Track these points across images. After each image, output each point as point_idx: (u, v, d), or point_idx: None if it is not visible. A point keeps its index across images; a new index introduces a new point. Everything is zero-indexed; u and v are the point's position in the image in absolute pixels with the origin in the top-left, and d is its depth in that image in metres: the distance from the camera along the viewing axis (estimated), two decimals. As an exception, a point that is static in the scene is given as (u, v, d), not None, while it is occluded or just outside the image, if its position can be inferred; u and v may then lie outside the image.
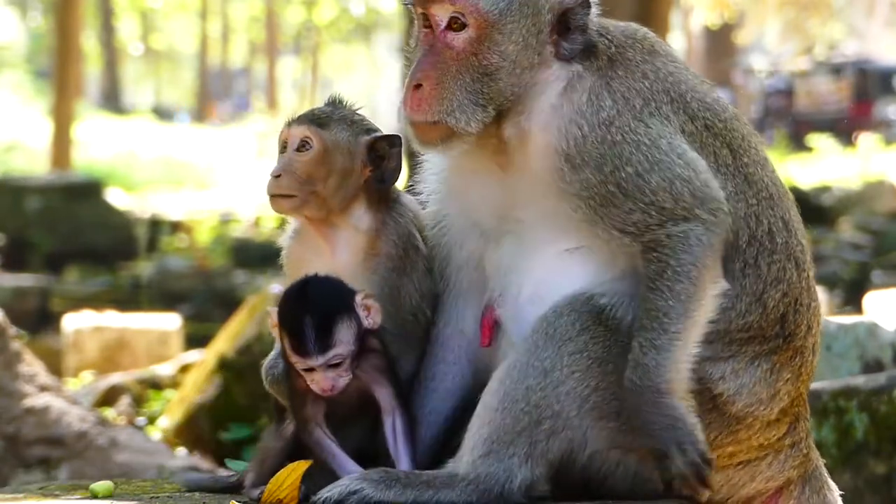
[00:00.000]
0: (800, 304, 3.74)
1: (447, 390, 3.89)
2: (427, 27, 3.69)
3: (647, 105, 3.65)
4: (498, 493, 3.63)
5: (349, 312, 3.73)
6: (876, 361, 6.46)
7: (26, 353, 7.69)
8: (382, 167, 3.89)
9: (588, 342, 3.62)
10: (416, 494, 3.61)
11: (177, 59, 73.07)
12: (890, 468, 5.51)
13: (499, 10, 3.64)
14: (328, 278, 3.78)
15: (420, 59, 3.67)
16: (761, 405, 3.70)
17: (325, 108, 3.94)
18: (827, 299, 15.67)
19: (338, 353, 3.69)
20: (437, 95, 3.63)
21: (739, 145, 3.75)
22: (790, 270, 3.73)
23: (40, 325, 15.77)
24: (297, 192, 3.84)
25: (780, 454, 3.81)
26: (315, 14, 57.58)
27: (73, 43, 26.48)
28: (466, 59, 3.64)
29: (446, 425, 3.89)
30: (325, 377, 3.70)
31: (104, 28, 56.03)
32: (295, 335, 3.70)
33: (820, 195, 25.60)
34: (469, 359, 3.90)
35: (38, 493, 4.11)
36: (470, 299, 3.89)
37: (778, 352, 3.72)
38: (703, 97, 3.75)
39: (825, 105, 43.64)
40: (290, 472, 3.72)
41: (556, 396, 3.62)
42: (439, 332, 3.91)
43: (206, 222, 23.69)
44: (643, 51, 3.75)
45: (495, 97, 3.65)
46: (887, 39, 57.83)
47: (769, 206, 3.73)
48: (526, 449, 3.63)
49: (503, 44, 3.65)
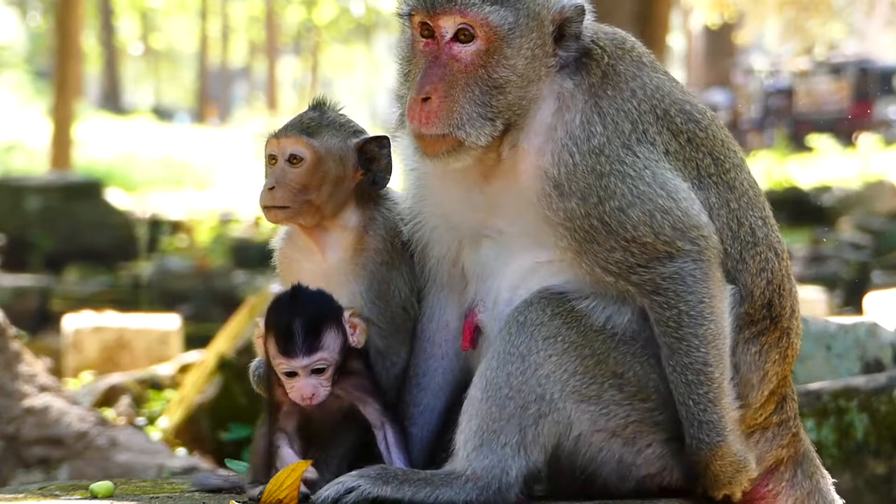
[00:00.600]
0: (783, 289, 3.87)
1: (438, 386, 3.94)
2: (428, 37, 3.67)
3: (635, 129, 3.71)
4: (496, 488, 3.66)
5: (337, 322, 3.76)
6: (876, 361, 6.46)
7: (26, 353, 7.69)
8: (373, 169, 3.91)
9: (560, 327, 3.68)
10: (413, 491, 3.65)
11: (177, 59, 73.07)
12: (890, 468, 5.52)
13: (508, 23, 3.64)
14: (319, 290, 3.81)
15: (425, 70, 3.65)
16: (753, 390, 3.80)
17: (312, 115, 3.93)
18: (827, 299, 15.66)
19: (323, 357, 3.72)
20: (447, 108, 3.64)
21: (720, 152, 3.85)
22: (772, 260, 3.86)
23: (40, 325, 15.77)
24: (290, 203, 3.85)
25: (766, 431, 3.87)
26: (315, 14, 57.58)
27: (73, 43, 26.48)
28: (475, 72, 3.65)
29: (440, 421, 3.92)
30: (307, 383, 3.72)
31: (104, 28, 56.02)
32: (283, 336, 3.73)
33: (820, 195, 25.60)
34: (456, 353, 3.94)
35: (38, 493, 4.11)
36: (451, 293, 3.93)
37: (766, 333, 3.82)
38: (685, 106, 3.83)
39: (825, 105, 43.63)
40: (290, 472, 3.72)
41: (537, 380, 3.68)
42: (424, 326, 3.95)
43: (206, 222, 23.68)
44: (633, 63, 3.81)
45: (504, 111, 3.67)
46: (887, 39, 57.83)
47: (749, 206, 3.85)
48: (517, 436, 3.67)
49: (513, 57, 3.66)
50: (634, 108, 3.74)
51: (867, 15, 56.35)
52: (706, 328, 3.66)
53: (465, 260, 3.88)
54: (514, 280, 3.79)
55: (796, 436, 3.95)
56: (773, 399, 3.86)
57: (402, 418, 3.90)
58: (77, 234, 20.13)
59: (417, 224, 3.91)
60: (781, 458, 3.92)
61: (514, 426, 3.68)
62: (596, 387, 3.69)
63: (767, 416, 3.86)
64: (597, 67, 3.74)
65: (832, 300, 16.39)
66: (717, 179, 3.82)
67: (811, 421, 5.52)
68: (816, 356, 6.53)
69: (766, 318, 3.82)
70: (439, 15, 3.63)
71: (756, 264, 3.81)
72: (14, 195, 20.49)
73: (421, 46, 3.68)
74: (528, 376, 3.68)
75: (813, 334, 6.55)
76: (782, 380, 3.88)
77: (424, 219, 3.90)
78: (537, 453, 3.70)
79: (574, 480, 3.76)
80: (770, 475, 3.92)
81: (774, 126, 43.51)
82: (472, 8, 3.61)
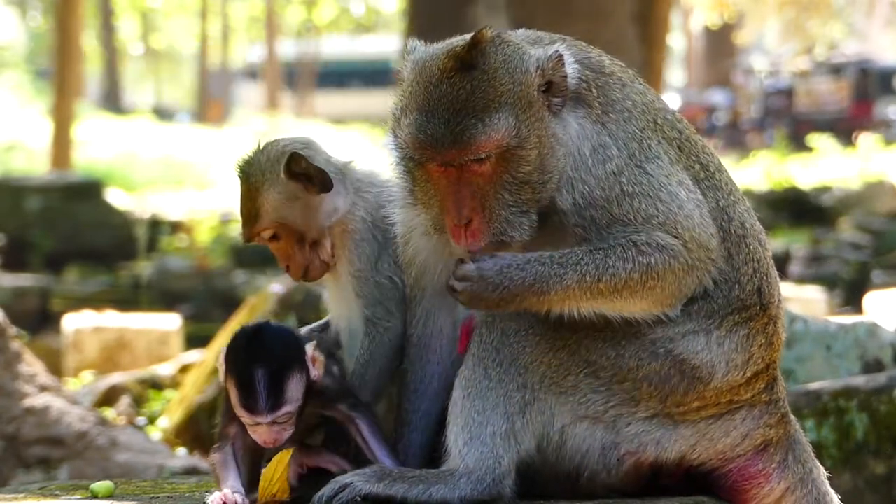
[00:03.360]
0: (769, 276, 3.95)
1: (436, 392, 3.97)
2: (444, 165, 3.70)
3: (641, 147, 3.80)
4: (490, 481, 3.70)
5: (301, 367, 3.73)
6: (876, 361, 6.47)
7: (26, 353, 7.68)
8: (313, 179, 3.95)
9: (531, 320, 3.74)
10: (406, 488, 3.68)
11: (177, 59, 73.08)
12: (890, 468, 5.52)
13: (514, 133, 3.67)
14: (280, 329, 3.80)
15: (455, 195, 3.68)
16: (736, 370, 3.85)
17: (249, 181, 3.98)
18: (827, 299, 15.67)
19: (287, 411, 3.70)
20: (487, 222, 3.69)
21: (703, 157, 3.95)
22: (759, 250, 3.95)
23: (40, 325, 15.77)
24: (308, 262, 3.97)
25: (754, 409, 3.91)
26: (315, 14, 57.59)
27: (73, 43, 26.46)
28: (499, 179, 3.69)
29: (437, 427, 3.94)
30: (270, 431, 3.71)
31: (104, 28, 56.03)
32: (244, 390, 3.69)
33: (820, 195, 25.60)
34: (451, 358, 3.97)
35: (38, 493, 4.12)
36: (444, 300, 3.95)
37: (755, 318, 3.88)
38: (668, 116, 3.93)
39: (825, 105, 43.66)
40: (276, 464, 3.76)
41: (516, 369, 3.73)
42: (420, 333, 3.99)
43: (206, 222, 23.65)
44: (618, 84, 3.88)
45: (534, 197, 3.72)
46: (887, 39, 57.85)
47: (734, 202, 3.95)
48: (505, 425, 3.71)
49: (526, 154, 3.70)
50: (636, 127, 3.82)
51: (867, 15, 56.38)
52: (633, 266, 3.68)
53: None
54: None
55: (784, 417, 3.98)
56: (762, 378, 3.91)
57: (404, 423, 3.95)
58: (77, 234, 20.12)
59: (413, 244, 3.95)
60: (770, 438, 3.94)
61: (500, 414, 3.71)
62: (572, 378, 3.75)
63: (756, 393, 3.90)
64: (595, 99, 3.82)
65: (832, 300, 16.40)
66: (709, 183, 3.91)
67: (811, 421, 5.53)
68: (816, 356, 6.54)
69: (757, 304, 3.88)
70: (459, 156, 3.66)
71: (746, 254, 3.90)
72: (14, 195, 20.47)
73: (434, 167, 3.71)
74: (505, 366, 3.73)
75: (813, 334, 6.56)
76: (771, 363, 3.94)
77: (419, 238, 3.93)
78: (528, 441, 3.74)
79: (562, 475, 3.79)
80: (760, 455, 3.94)
81: (774, 126, 43.54)
82: (480, 138, 3.64)
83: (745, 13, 48.84)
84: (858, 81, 43.01)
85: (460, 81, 3.65)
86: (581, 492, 3.81)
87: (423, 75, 3.70)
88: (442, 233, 3.74)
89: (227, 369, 3.74)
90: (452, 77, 3.66)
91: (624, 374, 3.77)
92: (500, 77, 3.67)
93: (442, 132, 3.63)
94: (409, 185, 3.81)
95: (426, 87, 3.68)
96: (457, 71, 3.66)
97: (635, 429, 3.79)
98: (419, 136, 3.66)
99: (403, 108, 3.74)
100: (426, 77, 3.69)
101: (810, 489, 4.00)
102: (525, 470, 3.78)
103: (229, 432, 3.82)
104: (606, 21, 12.88)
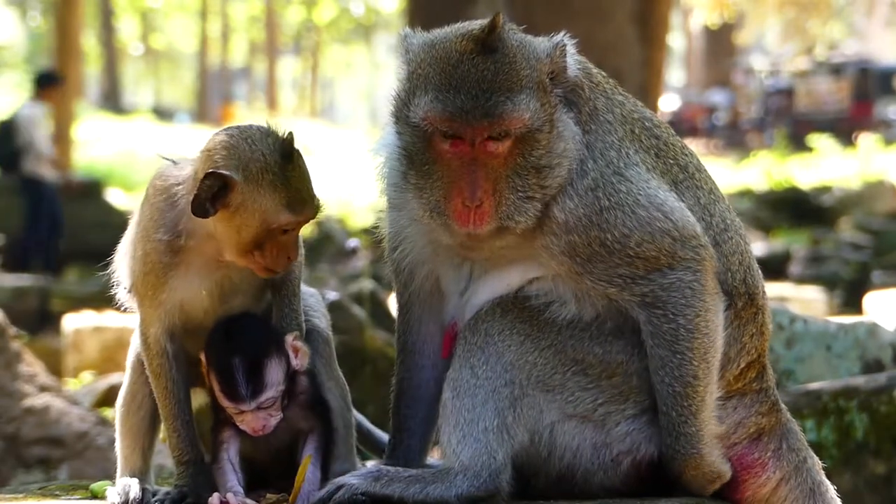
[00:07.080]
0: (752, 269, 4.01)
1: (432, 395, 3.99)
2: (455, 139, 3.67)
3: (619, 156, 3.81)
4: (486, 476, 3.70)
5: (278, 353, 3.76)
6: (876, 361, 6.47)
7: (26, 353, 7.68)
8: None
9: (514, 321, 3.77)
10: (403, 487, 3.70)
11: (177, 59, 73.14)
12: (890, 468, 5.52)
13: (536, 115, 3.68)
14: (254, 319, 3.82)
15: (468, 175, 3.67)
16: (730, 363, 3.90)
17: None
18: (827, 299, 15.67)
19: (269, 396, 3.73)
20: (496, 205, 3.69)
21: (682, 158, 3.99)
22: (741, 243, 4.00)
23: (40, 325, 15.76)
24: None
25: (745, 398, 3.95)
26: (315, 14, 57.63)
27: (73, 43, 26.48)
28: (514, 162, 3.69)
29: (433, 430, 4.00)
30: (257, 417, 3.75)
31: (104, 28, 56.06)
32: (225, 380, 3.74)
33: (820, 195, 25.62)
34: (443, 365, 3.97)
35: (38, 493, 4.12)
36: (432, 306, 4.00)
37: (745, 308, 3.93)
38: (646, 123, 3.96)
39: (825, 105, 43.68)
40: (301, 470, 3.79)
41: (502, 366, 3.75)
42: (412, 340, 4.03)
43: (206, 222, 23.61)
44: (601, 93, 3.90)
45: (544, 185, 3.72)
46: (887, 39, 57.86)
47: (715, 200, 3.99)
48: (496, 420, 3.73)
49: (542, 138, 3.71)
50: (616, 138, 3.83)
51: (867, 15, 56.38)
52: (700, 342, 3.75)
53: (446, 279, 3.95)
54: (495, 292, 3.85)
55: (776, 405, 4.02)
56: (754, 367, 3.96)
57: (402, 429, 3.99)
58: (77, 234, 20.12)
59: (401, 248, 3.96)
60: (763, 426, 3.97)
61: (491, 410, 3.73)
62: (559, 376, 3.77)
63: (748, 382, 3.95)
64: (584, 104, 3.83)
65: (832, 300, 16.39)
66: (689, 183, 3.94)
67: (811, 421, 5.52)
68: (816, 356, 6.53)
69: (745, 294, 3.93)
70: (483, 129, 3.65)
71: (729, 247, 3.93)
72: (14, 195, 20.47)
73: (447, 147, 3.69)
74: (492, 364, 3.75)
75: (813, 334, 6.55)
76: (762, 353, 3.99)
77: (407, 243, 3.95)
78: (521, 434, 3.76)
79: (555, 475, 3.81)
80: (754, 444, 3.97)
81: (774, 126, 43.55)
82: (512, 114, 3.64)
83: (745, 13, 48.84)
84: (858, 81, 43.03)
85: (483, 63, 3.65)
86: (579, 492, 3.81)
87: (437, 58, 3.68)
88: (439, 216, 3.72)
89: (207, 364, 3.81)
90: (475, 58, 3.65)
91: (613, 368, 3.79)
92: (519, 61, 3.68)
93: (472, 105, 3.62)
94: (404, 168, 3.77)
95: (443, 68, 3.66)
96: (478, 53, 3.65)
97: (626, 427, 3.81)
98: (446, 109, 3.63)
99: (412, 89, 3.71)
100: (441, 59, 3.67)
101: (804, 478, 4.02)
102: (520, 470, 3.78)
103: (222, 439, 3.85)
104: (606, 21, 12.88)
